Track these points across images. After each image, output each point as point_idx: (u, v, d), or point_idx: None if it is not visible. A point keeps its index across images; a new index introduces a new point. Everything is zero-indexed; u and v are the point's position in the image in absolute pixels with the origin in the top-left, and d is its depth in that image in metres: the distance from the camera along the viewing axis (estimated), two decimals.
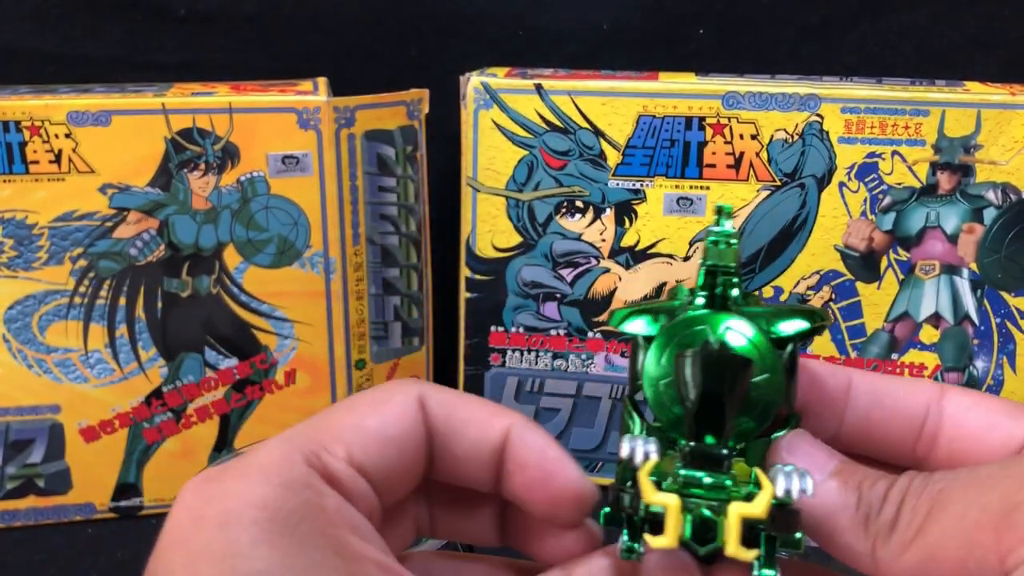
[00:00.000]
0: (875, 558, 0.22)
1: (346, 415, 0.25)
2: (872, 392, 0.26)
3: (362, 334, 0.57)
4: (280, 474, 0.22)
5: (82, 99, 0.51)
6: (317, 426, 0.24)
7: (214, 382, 0.56)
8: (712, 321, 0.24)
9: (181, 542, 0.21)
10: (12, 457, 0.54)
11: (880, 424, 0.26)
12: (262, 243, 0.54)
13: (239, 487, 0.22)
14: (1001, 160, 0.52)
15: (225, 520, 0.21)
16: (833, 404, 0.26)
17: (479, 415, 0.26)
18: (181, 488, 0.23)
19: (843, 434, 0.26)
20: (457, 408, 0.26)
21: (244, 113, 0.52)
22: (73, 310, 0.53)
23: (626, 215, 0.55)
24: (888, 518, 0.22)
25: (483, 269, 0.58)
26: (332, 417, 0.25)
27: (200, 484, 0.23)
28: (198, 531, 0.21)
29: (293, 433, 0.24)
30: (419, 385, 0.26)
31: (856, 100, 0.52)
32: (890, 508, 0.22)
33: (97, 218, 0.52)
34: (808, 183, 0.53)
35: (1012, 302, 0.54)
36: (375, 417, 0.25)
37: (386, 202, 0.56)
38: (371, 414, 0.25)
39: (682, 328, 0.24)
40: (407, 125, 0.56)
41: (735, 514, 0.21)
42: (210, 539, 0.21)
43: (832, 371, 0.27)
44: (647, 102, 0.54)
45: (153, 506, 0.56)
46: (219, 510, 0.21)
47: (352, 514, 0.23)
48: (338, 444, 0.24)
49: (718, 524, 0.21)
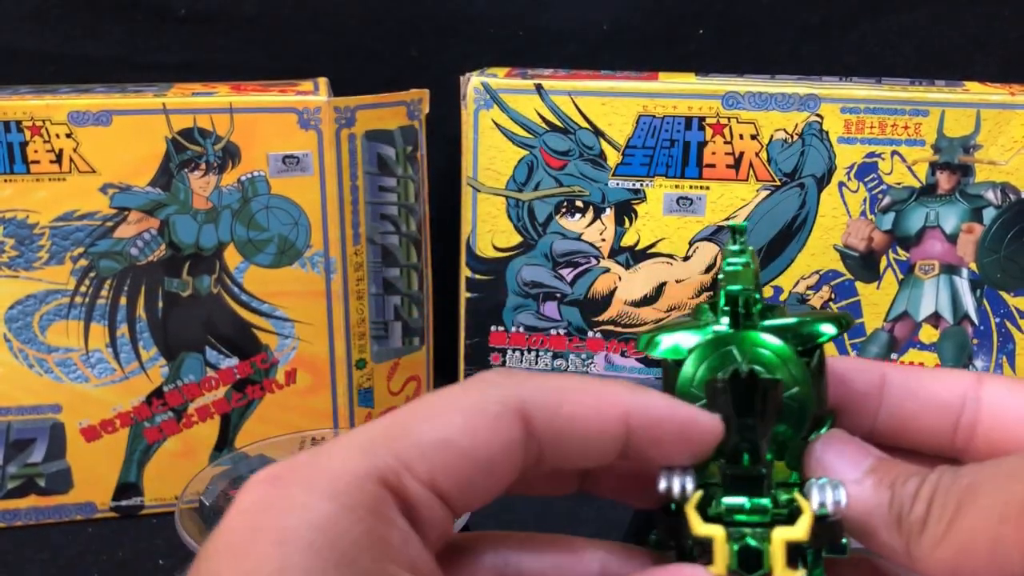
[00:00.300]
0: (910, 555, 0.22)
1: (434, 426, 0.22)
2: (906, 385, 0.26)
3: (362, 334, 0.57)
4: (350, 494, 0.20)
5: (83, 99, 0.52)
6: (400, 435, 0.22)
7: (215, 382, 0.56)
8: (738, 341, 0.25)
9: (234, 553, 0.20)
10: (13, 456, 0.54)
11: (916, 416, 0.26)
12: (263, 243, 0.54)
13: (304, 500, 0.20)
14: (1000, 160, 0.52)
15: (283, 538, 0.19)
16: (864, 401, 0.26)
17: (588, 408, 0.23)
18: (247, 482, 0.21)
19: (879, 428, 0.26)
20: (562, 407, 0.23)
21: (245, 113, 0.52)
22: (74, 310, 0.53)
23: (626, 215, 0.55)
24: (919, 515, 0.22)
25: (483, 269, 0.58)
26: (418, 425, 0.22)
27: (265, 485, 0.21)
28: (253, 544, 0.20)
29: (373, 439, 0.21)
30: (517, 386, 0.23)
31: (856, 100, 0.52)
32: (920, 505, 0.22)
33: (98, 218, 0.52)
34: (808, 183, 0.53)
35: (1011, 302, 0.54)
36: (468, 434, 0.22)
37: (386, 202, 0.56)
38: (463, 429, 0.22)
39: (710, 350, 0.25)
40: (407, 125, 0.56)
41: (779, 540, 0.22)
42: (264, 557, 0.19)
43: (864, 367, 0.27)
44: (647, 102, 0.54)
45: (154, 505, 0.56)
46: (278, 525, 0.20)
47: (416, 550, 0.21)
48: (421, 463, 0.21)
49: (763, 551, 0.22)
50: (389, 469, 0.21)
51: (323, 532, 0.20)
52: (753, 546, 0.22)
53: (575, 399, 0.23)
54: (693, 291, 0.56)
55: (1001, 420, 0.25)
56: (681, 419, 0.24)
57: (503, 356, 0.59)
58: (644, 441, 0.23)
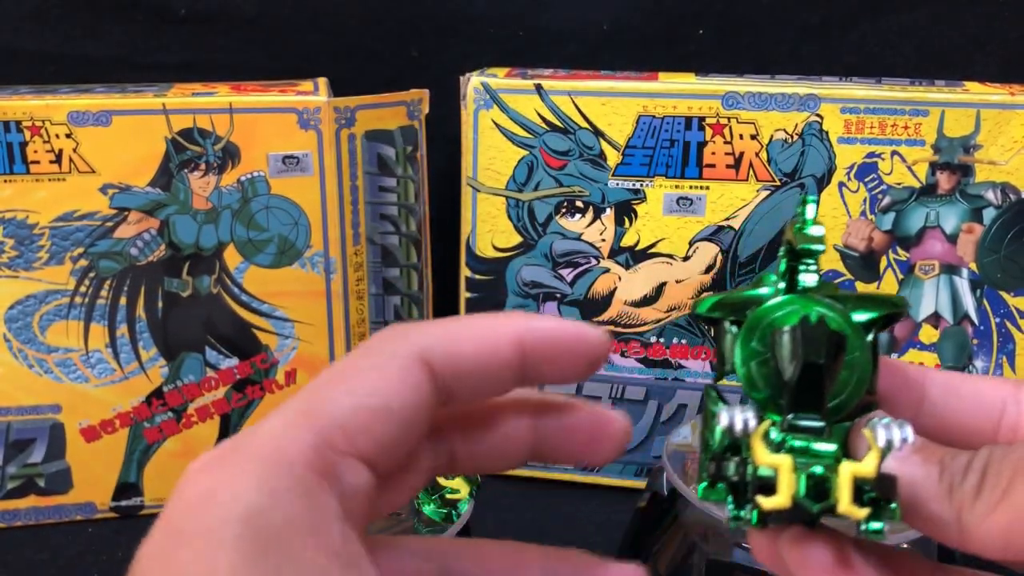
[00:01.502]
0: (961, 524, 0.22)
1: (345, 392, 0.23)
2: (948, 385, 0.27)
3: (362, 334, 0.57)
4: (277, 477, 0.21)
5: (83, 99, 0.52)
6: (318, 409, 0.23)
7: (215, 382, 0.56)
8: (802, 303, 0.25)
9: (162, 559, 0.21)
10: (13, 457, 0.54)
11: (958, 414, 0.27)
12: (262, 243, 0.54)
13: (232, 492, 0.21)
14: (1000, 160, 0.52)
15: (208, 539, 0.20)
16: (911, 392, 0.27)
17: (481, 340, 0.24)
18: (187, 469, 0.22)
19: (920, 425, 0.27)
20: (458, 344, 0.24)
21: (244, 113, 0.52)
22: (74, 310, 0.53)
23: (626, 215, 0.55)
24: (972, 484, 0.22)
25: (483, 269, 0.58)
26: (330, 395, 0.23)
27: (199, 475, 0.21)
28: (179, 548, 0.20)
29: (293, 418, 0.22)
30: (415, 335, 0.24)
31: (856, 100, 0.52)
32: (974, 475, 0.23)
33: (98, 218, 0.52)
34: (808, 183, 0.53)
35: (1011, 302, 0.54)
36: (379, 395, 0.23)
37: (386, 202, 0.56)
38: (373, 390, 0.23)
39: (775, 309, 0.26)
40: (407, 125, 0.56)
41: (847, 472, 0.22)
42: (189, 561, 0.20)
43: (907, 364, 0.28)
44: (647, 102, 0.54)
45: (154, 505, 0.56)
46: (203, 526, 0.20)
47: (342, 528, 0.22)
48: (339, 433, 0.22)
49: (830, 482, 0.22)
50: (310, 446, 0.22)
51: (247, 522, 0.20)
52: (820, 474, 0.22)
53: (468, 335, 0.24)
54: (693, 291, 0.56)
55: None
56: (571, 333, 0.25)
57: None
58: (539, 362, 0.25)
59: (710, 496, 0.24)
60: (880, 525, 0.22)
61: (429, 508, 0.41)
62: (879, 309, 0.26)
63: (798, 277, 0.26)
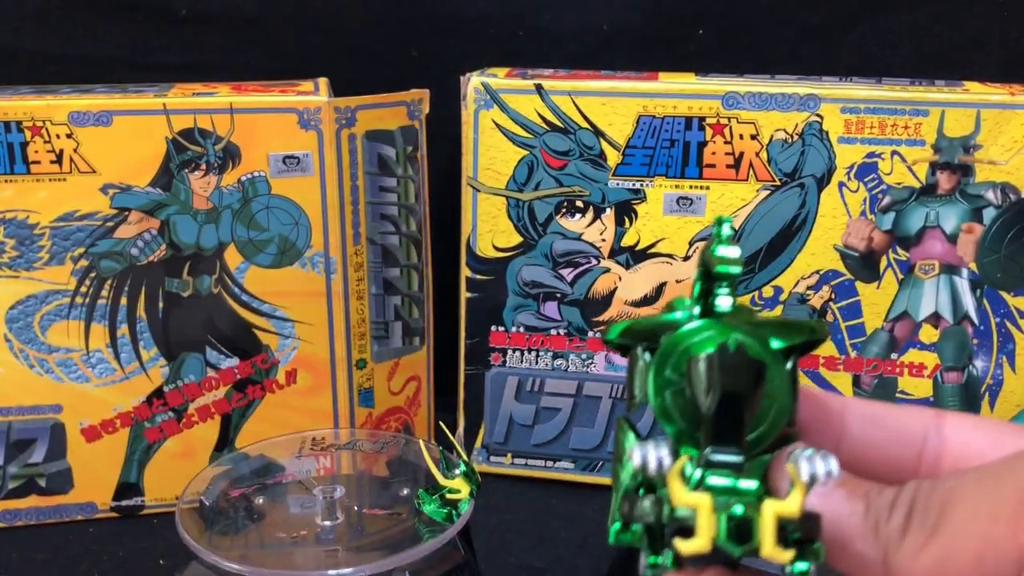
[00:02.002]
0: (887, 565, 0.21)
1: None
2: (869, 415, 0.26)
3: (363, 334, 0.57)
4: None
5: (83, 99, 0.52)
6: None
7: (215, 382, 0.56)
8: (719, 329, 0.24)
9: None
10: (14, 457, 0.54)
11: (879, 445, 0.26)
12: (263, 243, 0.54)
13: None
14: (1000, 160, 0.52)
15: None
16: (831, 423, 0.26)
17: None
18: None
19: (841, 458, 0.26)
20: None
21: (245, 113, 0.52)
22: (74, 310, 0.53)
23: (626, 215, 0.56)
24: (898, 524, 0.21)
25: (483, 269, 0.58)
26: None
27: None
28: None
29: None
30: None
31: (856, 100, 0.52)
32: (899, 513, 0.22)
33: (98, 218, 0.52)
34: (808, 183, 0.54)
35: (1011, 302, 0.54)
36: None
37: (387, 202, 0.56)
38: None
39: (690, 336, 0.24)
40: (408, 125, 0.56)
41: (770, 512, 0.21)
42: None
43: (826, 394, 0.27)
44: (647, 102, 0.54)
45: (154, 505, 0.56)
46: None
47: None
48: None
49: (752, 522, 0.21)
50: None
51: None
52: (742, 515, 0.21)
53: None
54: None
55: (967, 451, 0.25)
56: None
57: (503, 356, 0.59)
58: None
59: (623, 539, 0.22)
60: (806, 566, 0.21)
61: (429, 508, 0.41)
62: (798, 335, 0.24)
63: (714, 301, 0.24)
